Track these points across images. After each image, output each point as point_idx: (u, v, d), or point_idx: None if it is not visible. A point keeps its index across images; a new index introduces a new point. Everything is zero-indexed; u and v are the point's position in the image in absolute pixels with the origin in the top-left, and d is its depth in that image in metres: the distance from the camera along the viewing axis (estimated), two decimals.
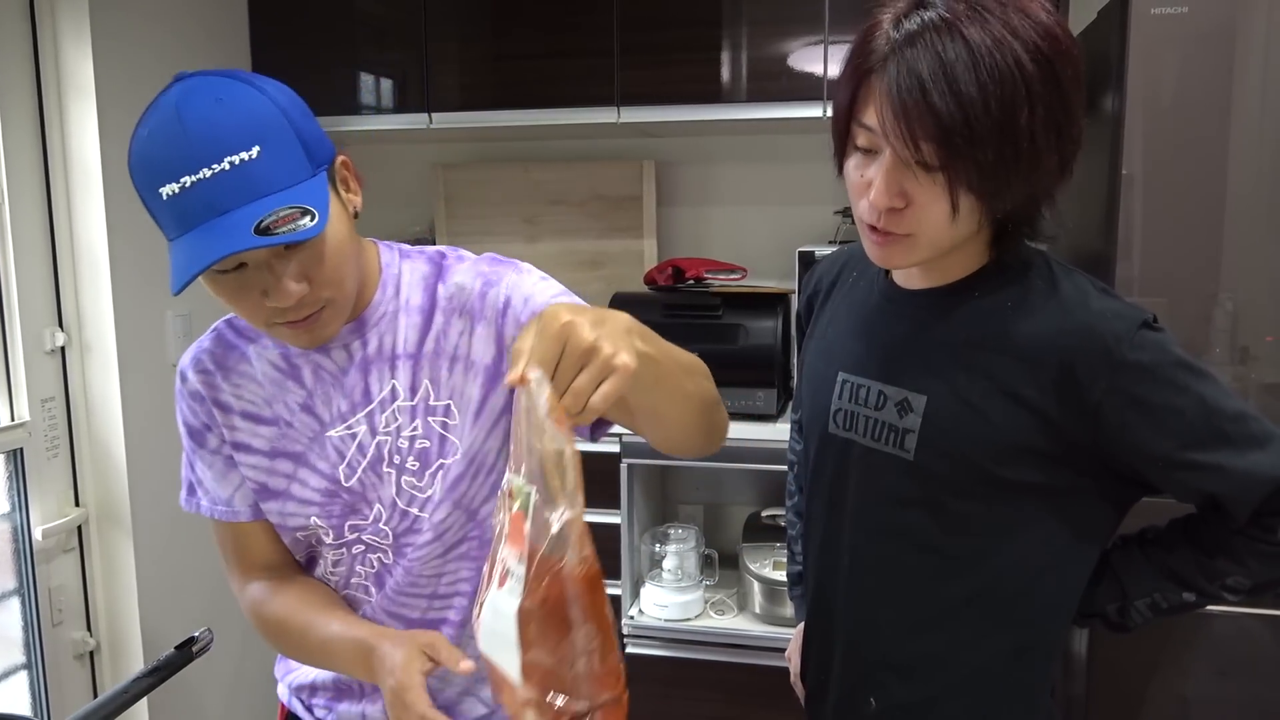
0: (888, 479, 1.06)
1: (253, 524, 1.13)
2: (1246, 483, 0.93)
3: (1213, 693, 1.75)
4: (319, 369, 1.07)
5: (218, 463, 1.11)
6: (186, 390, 1.11)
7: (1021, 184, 0.92)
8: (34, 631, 2.03)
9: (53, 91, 2.02)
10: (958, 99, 0.86)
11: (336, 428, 1.07)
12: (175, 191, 0.89)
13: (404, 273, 1.09)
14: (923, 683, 1.07)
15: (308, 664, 1.15)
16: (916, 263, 0.99)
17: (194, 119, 0.90)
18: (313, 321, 0.97)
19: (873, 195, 0.93)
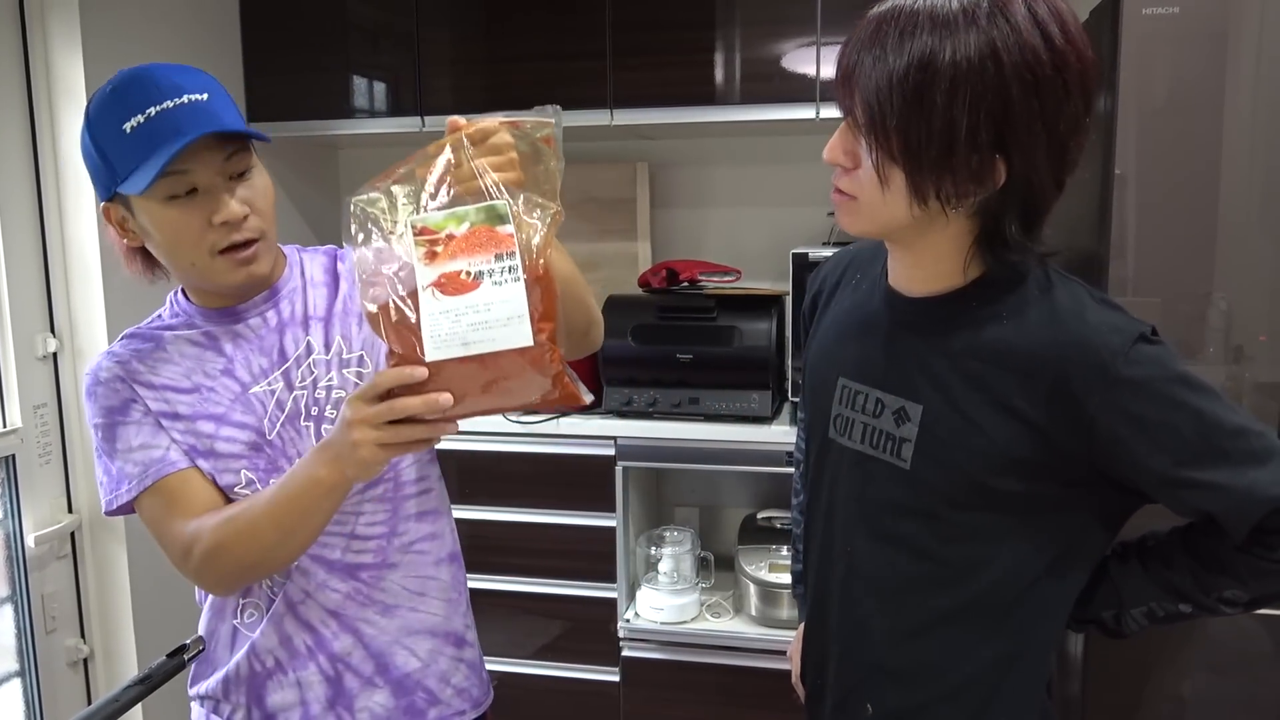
0: (884, 487, 1.05)
1: (190, 473, 1.14)
2: (1245, 502, 0.91)
3: (1209, 692, 1.75)
4: (237, 337, 1.17)
5: (146, 424, 1.14)
6: (100, 380, 1.15)
7: (941, 169, 0.91)
8: (27, 639, 2.02)
9: (43, 97, 2.01)
10: (884, 64, 0.90)
11: (259, 384, 1.16)
12: (140, 121, 1.02)
13: (305, 260, 1.24)
14: (917, 689, 1.07)
15: (273, 538, 1.07)
16: (866, 232, 1.01)
17: (154, 70, 1.05)
18: (250, 252, 1.09)
19: (825, 150, 0.99)
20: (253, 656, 1.18)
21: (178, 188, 1.04)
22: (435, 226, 0.91)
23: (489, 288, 0.89)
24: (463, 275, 0.89)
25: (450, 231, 0.91)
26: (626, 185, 2.66)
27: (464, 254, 0.90)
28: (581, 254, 2.70)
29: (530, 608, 2.36)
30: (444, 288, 0.89)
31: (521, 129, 0.98)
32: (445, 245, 0.90)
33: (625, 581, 2.34)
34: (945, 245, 1.00)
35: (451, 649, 1.26)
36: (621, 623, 2.32)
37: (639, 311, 2.33)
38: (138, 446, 1.13)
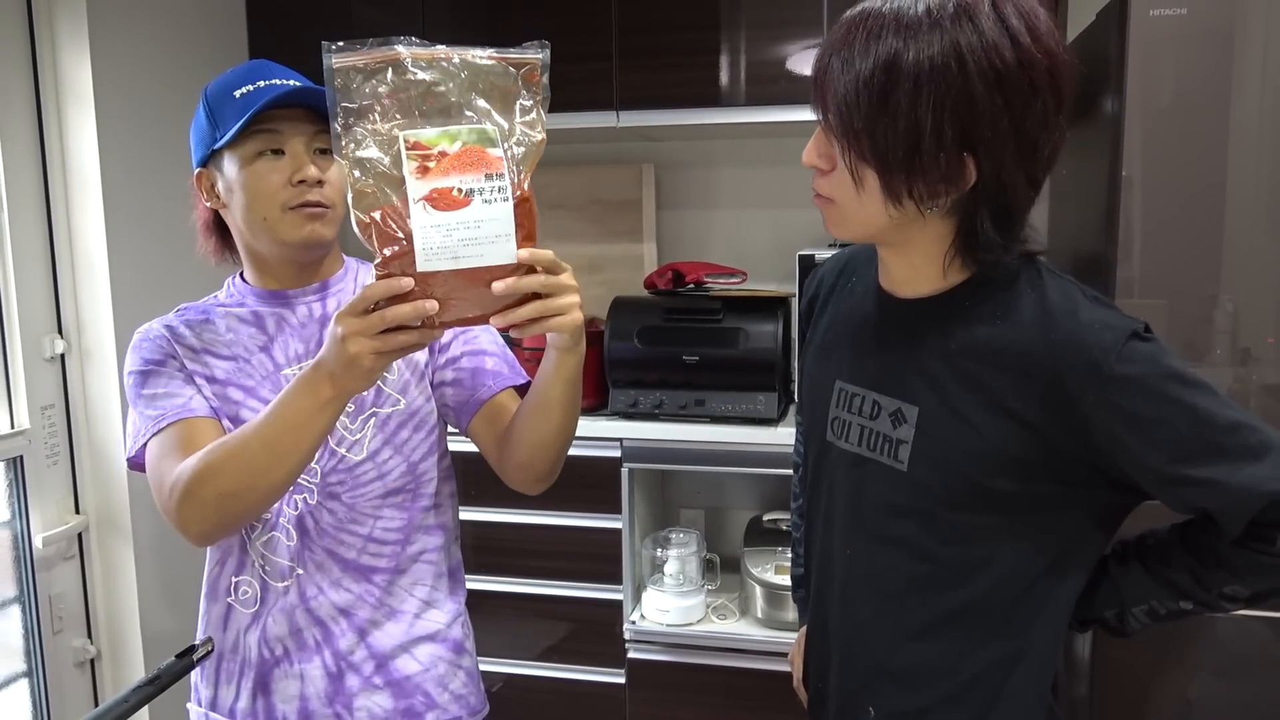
0: (882, 489, 1.05)
1: (205, 420, 1.18)
2: (1241, 497, 0.91)
3: (1217, 694, 1.74)
4: (282, 320, 1.24)
5: (178, 377, 1.20)
6: (151, 335, 1.23)
7: (909, 168, 0.92)
8: (34, 639, 2.02)
9: (51, 99, 2.02)
10: (851, 69, 0.92)
11: (291, 366, 1.23)
12: (249, 90, 1.14)
13: (360, 271, 1.32)
14: (919, 691, 1.07)
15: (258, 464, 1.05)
16: (851, 236, 1.03)
17: (276, 65, 1.19)
18: (320, 213, 1.17)
19: (803, 153, 1.03)
20: (263, 643, 1.21)
21: (270, 143, 1.14)
22: (428, 143, 0.94)
23: (479, 205, 0.93)
24: (454, 192, 0.92)
25: (443, 149, 0.94)
26: (632, 187, 2.66)
27: (456, 171, 0.93)
28: (587, 255, 2.71)
29: (536, 609, 2.37)
30: (436, 203, 0.92)
31: (505, 61, 1.03)
32: (438, 162, 0.93)
33: (631, 583, 2.34)
34: (929, 246, 1.00)
35: (450, 654, 1.29)
36: (627, 625, 2.32)
37: (645, 313, 2.33)
38: (163, 393, 1.19)
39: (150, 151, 2.17)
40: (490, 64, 1.02)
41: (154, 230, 2.18)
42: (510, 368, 1.31)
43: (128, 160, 2.10)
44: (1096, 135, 1.80)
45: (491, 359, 1.29)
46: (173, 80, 2.24)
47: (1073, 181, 1.95)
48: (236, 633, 1.23)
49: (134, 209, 2.12)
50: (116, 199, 2.06)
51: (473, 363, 1.28)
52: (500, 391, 1.27)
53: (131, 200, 2.11)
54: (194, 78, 2.30)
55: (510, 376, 1.30)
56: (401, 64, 1.00)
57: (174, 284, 2.23)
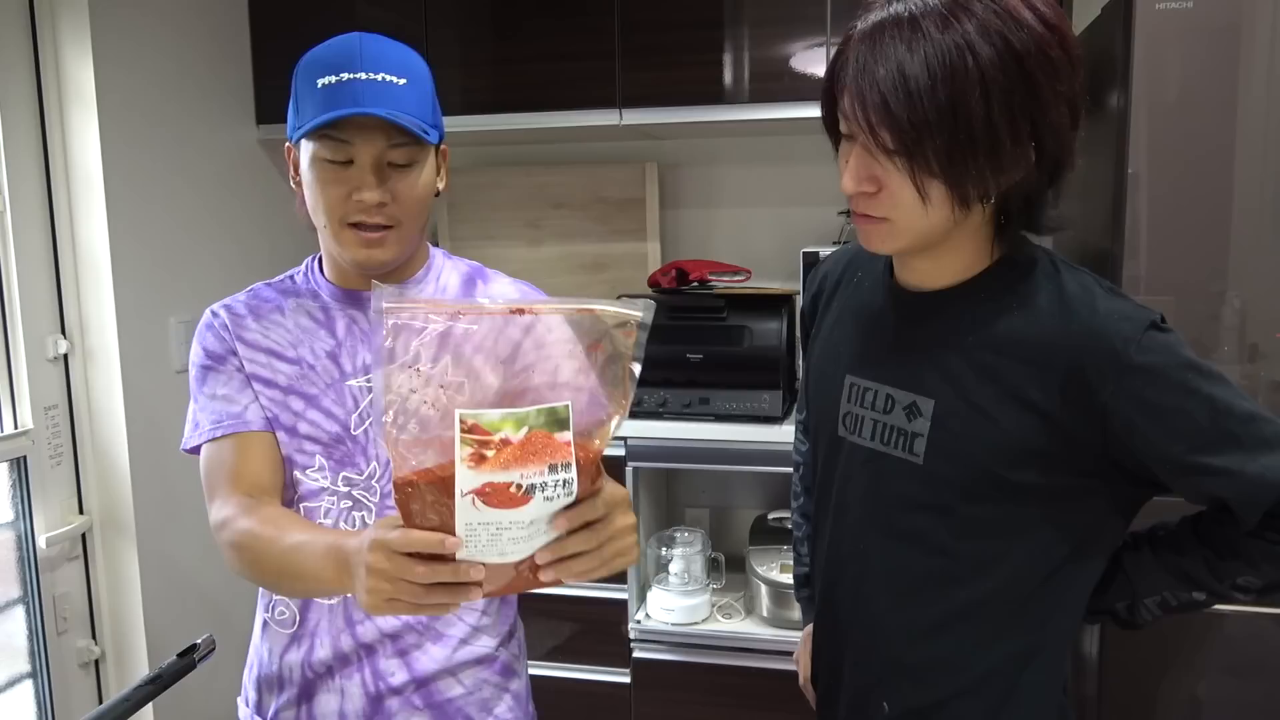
0: (897, 483, 1.05)
1: (260, 436, 1.15)
2: (1257, 486, 0.91)
3: (1225, 693, 1.73)
4: (353, 324, 1.18)
5: (236, 379, 1.17)
6: (215, 324, 1.19)
7: (986, 171, 0.91)
8: (38, 640, 2.02)
9: (54, 98, 2.01)
10: (905, 86, 0.88)
11: (357, 378, 1.16)
12: (331, 82, 1.05)
13: (446, 268, 1.24)
14: (934, 686, 1.06)
15: (271, 582, 1.10)
16: (902, 249, 1.00)
17: (369, 43, 1.09)
18: (376, 235, 1.10)
19: (843, 180, 0.97)
20: (306, 665, 1.18)
21: (336, 154, 1.07)
22: (488, 426, 0.80)
23: (539, 503, 0.80)
24: (512, 488, 0.79)
25: (505, 436, 0.80)
26: (636, 185, 2.65)
27: (517, 464, 0.80)
28: (591, 254, 2.70)
29: (541, 609, 2.36)
30: (488, 498, 0.79)
31: (598, 315, 0.89)
32: (498, 451, 0.80)
33: (636, 583, 2.34)
34: (964, 239, 0.99)
35: (498, 677, 1.25)
36: (632, 624, 2.31)
37: None
38: (220, 396, 1.16)
39: (153, 151, 2.16)
40: (578, 316, 0.90)
41: (157, 230, 2.17)
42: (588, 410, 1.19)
43: (130, 160, 2.10)
44: (1103, 131, 1.79)
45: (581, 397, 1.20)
46: (175, 80, 2.24)
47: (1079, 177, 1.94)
48: (274, 650, 1.20)
49: (137, 209, 2.11)
50: (119, 199, 2.06)
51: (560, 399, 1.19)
52: None
53: (134, 200, 2.11)
54: (196, 77, 2.30)
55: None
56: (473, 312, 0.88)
57: (177, 284, 2.23)
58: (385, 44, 1.10)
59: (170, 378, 2.21)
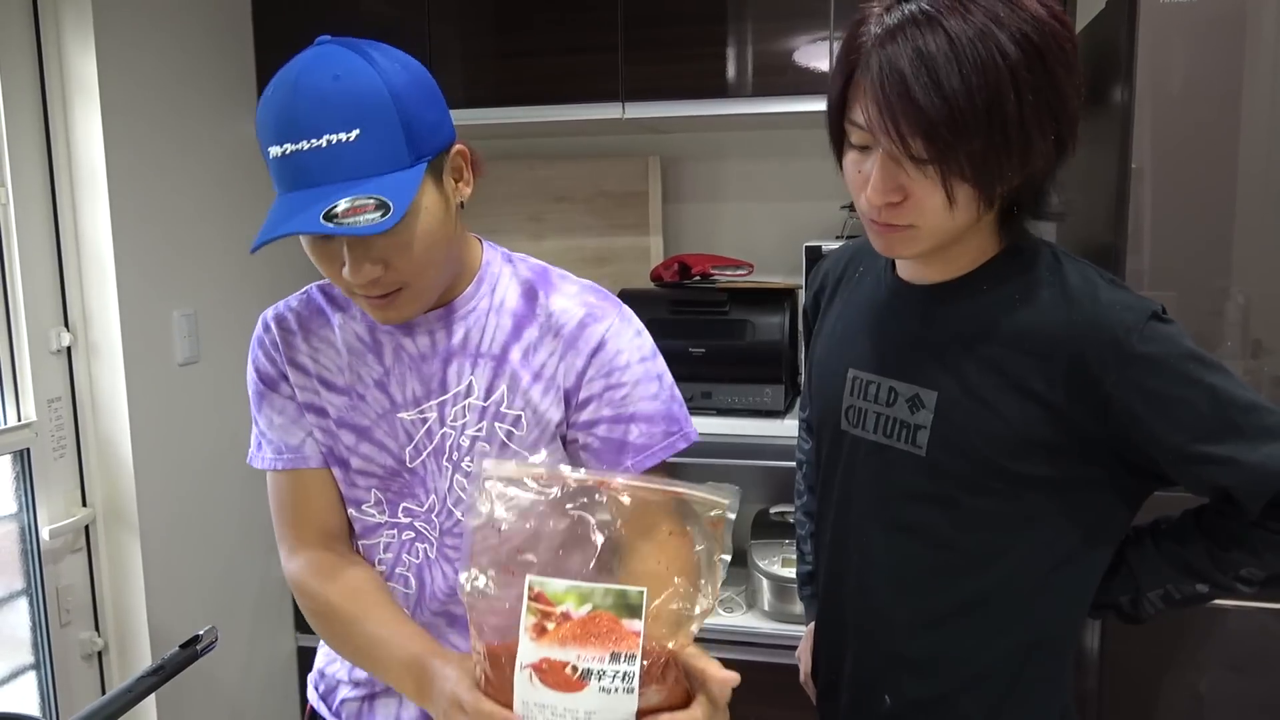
0: (900, 475, 1.05)
1: (318, 474, 1.12)
2: (1259, 475, 0.92)
3: (1227, 688, 1.73)
4: (400, 350, 1.09)
5: (290, 408, 1.12)
6: (266, 339, 1.13)
7: (1017, 170, 0.91)
8: (42, 632, 2.03)
9: (57, 92, 2.01)
10: (940, 92, 0.86)
11: (409, 411, 1.09)
12: (277, 154, 0.93)
13: (504, 275, 1.12)
14: (937, 679, 1.07)
15: (346, 657, 1.11)
16: (922, 252, 0.99)
17: (307, 91, 0.92)
18: (389, 301, 0.99)
19: (868, 193, 0.94)
20: (371, 679, 1.18)
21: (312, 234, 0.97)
22: (552, 597, 0.77)
23: (595, 693, 0.75)
24: (568, 670, 0.75)
25: (567, 609, 0.77)
26: (638, 179, 2.65)
27: (576, 642, 0.76)
28: (593, 248, 2.70)
29: None
30: (545, 675, 0.75)
31: (686, 501, 0.85)
32: (558, 624, 0.76)
33: None
34: (974, 233, 1.00)
35: None
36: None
37: (651, 305, 2.33)
38: (279, 425, 1.13)
39: (156, 144, 2.16)
40: (664, 499, 0.85)
41: (160, 223, 2.17)
42: (665, 434, 1.09)
43: (133, 153, 2.10)
44: (1106, 125, 1.79)
45: (640, 426, 1.08)
46: (178, 73, 2.24)
47: (1082, 172, 1.94)
48: (338, 660, 1.20)
49: (140, 201, 2.11)
50: (122, 192, 2.06)
51: (614, 432, 1.08)
52: None
53: (137, 193, 2.11)
54: (199, 70, 2.30)
55: (660, 449, 1.09)
56: (555, 483, 0.84)
57: (180, 276, 2.23)
58: (325, 89, 0.91)
59: (173, 370, 2.21)
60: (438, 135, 0.98)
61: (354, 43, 0.97)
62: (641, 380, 1.09)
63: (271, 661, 2.57)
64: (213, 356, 2.32)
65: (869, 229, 0.99)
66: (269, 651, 2.56)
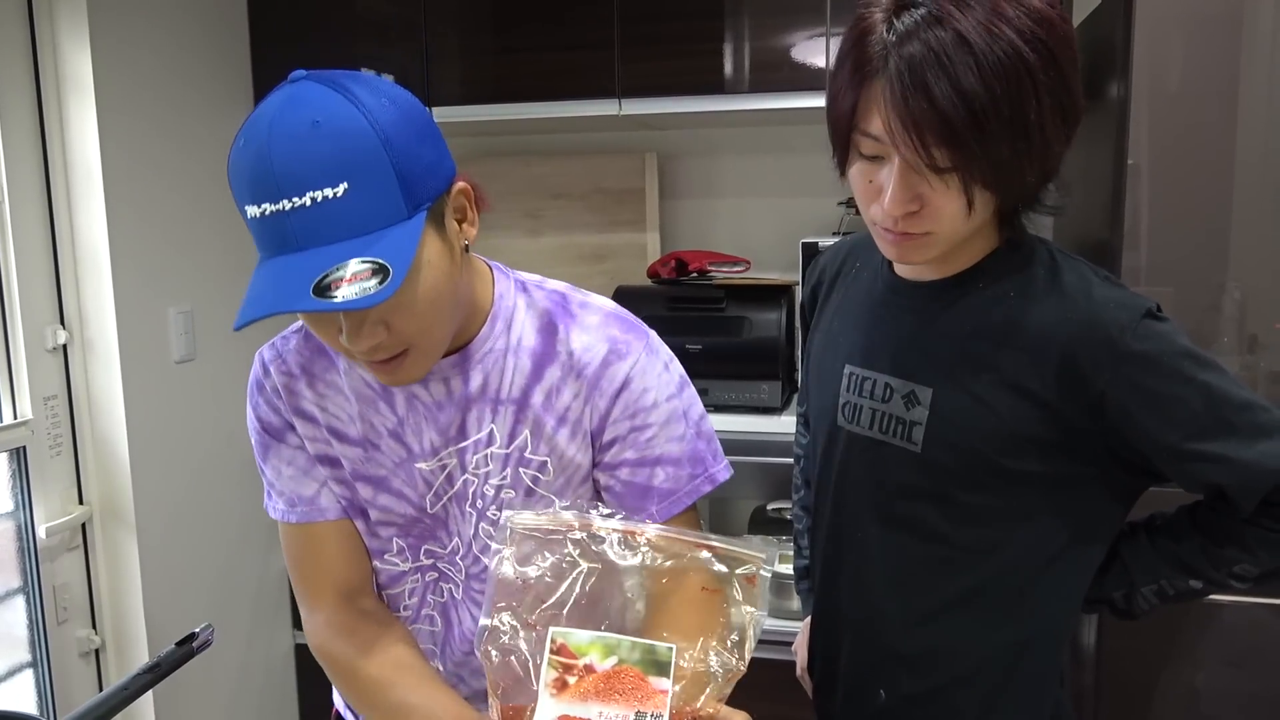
0: (895, 471, 1.05)
1: (337, 526, 1.05)
2: (1253, 473, 0.92)
3: (1223, 683, 1.74)
4: (413, 399, 1.00)
5: (299, 458, 1.04)
6: (267, 385, 1.04)
7: (1036, 173, 0.92)
8: (39, 630, 2.02)
9: (52, 89, 2.01)
10: (966, 102, 0.84)
11: (427, 461, 1.02)
12: (255, 215, 0.82)
13: (519, 308, 1.02)
14: (931, 674, 1.07)
15: (348, 700, 1.07)
16: (934, 257, 0.98)
17: (283, 142, 0.80)
18: (394, 364, 0.89)
19: (887, 205, 0.92)
20: None
21: None
22: (575, 649, 0.74)
23: None
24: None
25: (590, 661, 0.74)
26: (635, 176, 2.65)
27: (598, 698, 0.72)
28: (590, 245, 2.70)
29: None
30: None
31: (720, 555, 0.83)
32: (580, 678, 0.73)
33: None
34: (976, 232, 0.99)
35: None
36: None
37: (648, 302, 2.32)
38: (289, 476, 1.05)
39: (152, 141, 2.16)
40: (697, 553, 0.82)
41: (156, 220, 2.17)
42: (690, 477, 1.05)
43: (129, 150, 2.09)
44: (1102, 121, 1.79)
45: (665, 469, 1.03)
46: (174, 69, 2.23)
47: (1079, 168, 1.94)
48: None
49: (136, 199, 2.11)
50: (118, 189, 2.05)
51: (639, 476, 1.03)
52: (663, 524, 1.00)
53: (133, 190, 2.10)
54: (195, 67, 2.29)
55: (685, 494, 1.05)
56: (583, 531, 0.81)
57: (176, 274, 2.23)
58: (303, 138, 0.80)
59: (170, 368, 2.21)
60: (436, 176, 0.87)
61: (332, 77, 0.85)
62: (669, 420, 1.03)
63: (269, 659, 2.57)
64: (209, 354, 2.32)
65: (880, 237, 0.98)
66: (266, 649, 2.56)
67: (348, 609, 1.06)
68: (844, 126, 0.94)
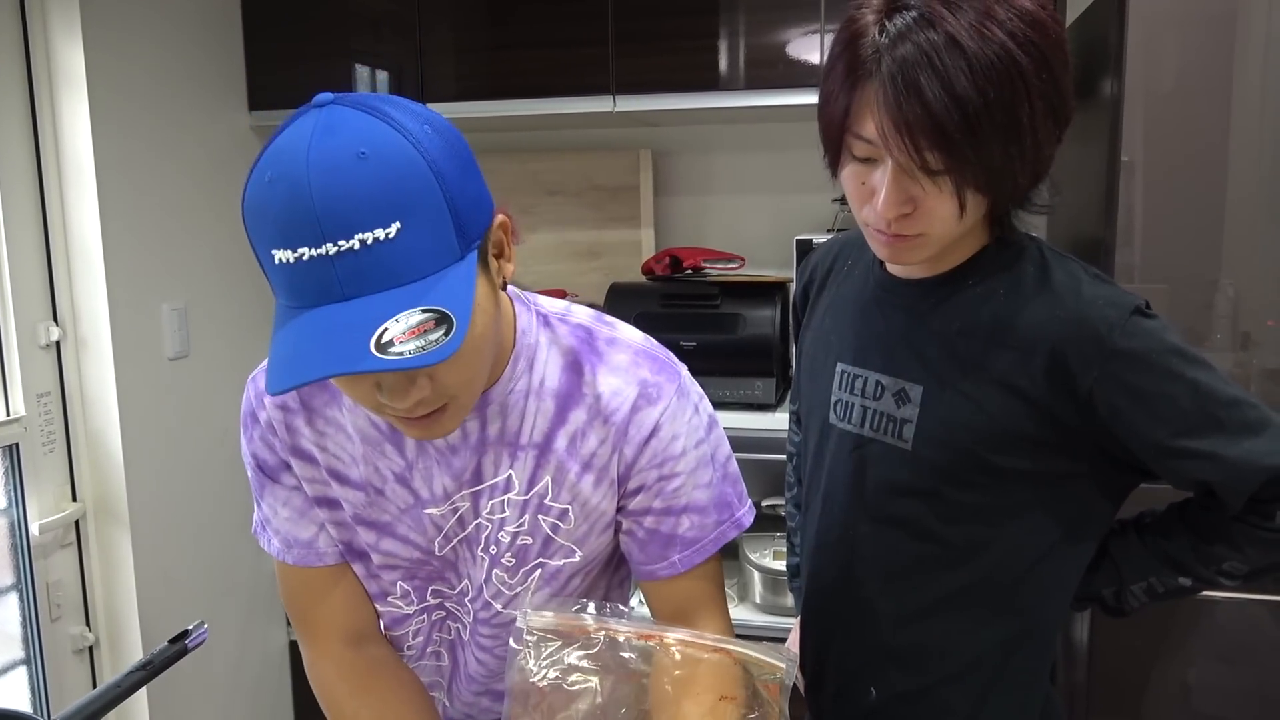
0: (886, 469, 1.05)
1: (334, 571, 1.01)
2: (1241, 470, 0.92)
3: (1214, 679, 1.74)
4: (424, 443, 0.93)
5: (296, 499, 0.99)
6: (261, 418, 0.96)
7: (1028, 175, 0.92)
8: (32, 627, 2.02)
9: (44, 83, 2.00)
10: (959, 105, 0.85)
11: (438, 506, 0.95)
12: (290, 260, 0.71)
13: (541, 345, 0.95)
14: (921, 671, 1.07)
15: None
16: (927, 258, 0.99)
17: (325, 177, 0.69)
18: (432, 419, 0.81)
19: (880, 207, 0.92)
20: None
21: None
22: None
23: None
24: None
25: None
26: (629, 172, 2.65)
27: None
28: (584, 241, 2.70)
29: None
30: None
31: (741, 662, 0.80)
32: None
33: None
34: (968, 231, 0.99)
35: None
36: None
37: (642, 299, 2.33)
38: (285, 517, 1.00)
39: (145, 137, 2.15)
40: (718, 660, 0.79)
41: (149, 216, 2.17)
42: (716, 524, 1.01)
43: (122, 145, 2.09)
44: (1096, 119, 1.79)
45: (691, 518, 0.99)
46: (167, 65, 2.23)
47: (1072, 166, 1.94)
48: None
49: (129, 195, 2.10)
50: (111, 185, 2.05)
51: (664, 525, 0.98)
52: (685, 572, 0.99)
53: (126, 186, 2.10)
54: (188, 62, 2.28)
55: (709, 542, 1.00)
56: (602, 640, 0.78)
57: (169, 270, 2.23)
58: (349, 173, 0.69)
59: (163, 365, 2.20)
60: (482, 210, 0.79)
61: (366, 101, 0.75)
62: (697, 468, 0.98)
63: (263, 656, 2.57)
64: (203, 351, 2.32)
65: (873, 239, 0.98)
66: (261, 646, 2.56)
67: (356, 654, 1.03)
68: (836, 129, 0.94)
